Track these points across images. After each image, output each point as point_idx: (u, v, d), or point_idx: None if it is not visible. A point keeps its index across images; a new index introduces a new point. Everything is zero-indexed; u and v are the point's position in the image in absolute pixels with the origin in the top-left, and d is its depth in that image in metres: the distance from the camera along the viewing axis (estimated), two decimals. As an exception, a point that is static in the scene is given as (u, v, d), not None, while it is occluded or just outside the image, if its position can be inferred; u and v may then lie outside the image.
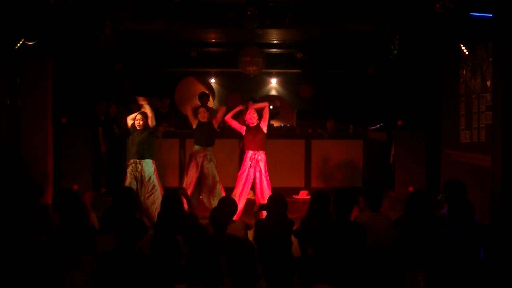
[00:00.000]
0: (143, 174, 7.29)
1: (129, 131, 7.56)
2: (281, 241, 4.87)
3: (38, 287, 3.48)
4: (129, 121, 7.50)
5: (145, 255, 4.13)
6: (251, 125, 7.61)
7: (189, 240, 4.36)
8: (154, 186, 7.35)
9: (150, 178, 7.32)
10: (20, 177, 8.18)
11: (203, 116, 7.82)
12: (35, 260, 3.54)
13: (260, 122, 7.61)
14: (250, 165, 7.53)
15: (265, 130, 7.60)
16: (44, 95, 8.94)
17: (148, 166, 7.34)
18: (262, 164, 7.54)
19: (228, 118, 7.76)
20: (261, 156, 7.56)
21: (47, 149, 9.01)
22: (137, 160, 7.32)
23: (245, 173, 7.54)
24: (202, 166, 7.72)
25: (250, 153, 7.56)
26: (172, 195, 5.50)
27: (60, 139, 9.21)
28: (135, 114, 7.45)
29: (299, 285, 3.71)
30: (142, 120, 7.33)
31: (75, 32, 7.87)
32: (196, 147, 7.82)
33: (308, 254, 4.43)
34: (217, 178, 7.80)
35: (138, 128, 7.36)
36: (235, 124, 7.73)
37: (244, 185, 7.55)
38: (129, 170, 7.36)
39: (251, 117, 7.58)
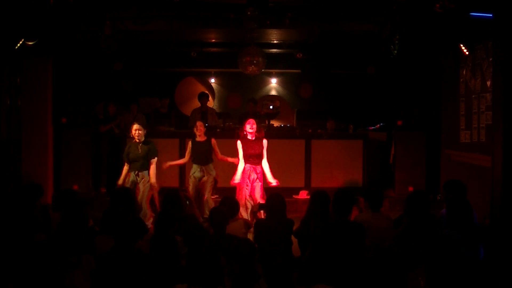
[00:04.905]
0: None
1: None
2: (281, 241, 4.88)
3: (38, 287, 3.48)
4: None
5: (144, 255, 4.13)
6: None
7: (189, 240, 4.36)
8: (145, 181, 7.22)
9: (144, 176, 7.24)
10: (20, 177, 8.17)
11: (200, 131, 7.59)
12: (35, 260, 3.54)
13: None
14: None
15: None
16: (44, 95, 8.94)
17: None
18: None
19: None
20: None
21: (47, 149, 9.01)
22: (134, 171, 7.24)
23: None
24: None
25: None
26: (172, 196, 5.50)
27: (60, 139, 9.20)
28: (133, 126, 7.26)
29: (299, 285, 3.71)
30: (138, 131, 7.18)
31: (75, 32, 7.87)
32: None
33: (308, 254, 4.44)
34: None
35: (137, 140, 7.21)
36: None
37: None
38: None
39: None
